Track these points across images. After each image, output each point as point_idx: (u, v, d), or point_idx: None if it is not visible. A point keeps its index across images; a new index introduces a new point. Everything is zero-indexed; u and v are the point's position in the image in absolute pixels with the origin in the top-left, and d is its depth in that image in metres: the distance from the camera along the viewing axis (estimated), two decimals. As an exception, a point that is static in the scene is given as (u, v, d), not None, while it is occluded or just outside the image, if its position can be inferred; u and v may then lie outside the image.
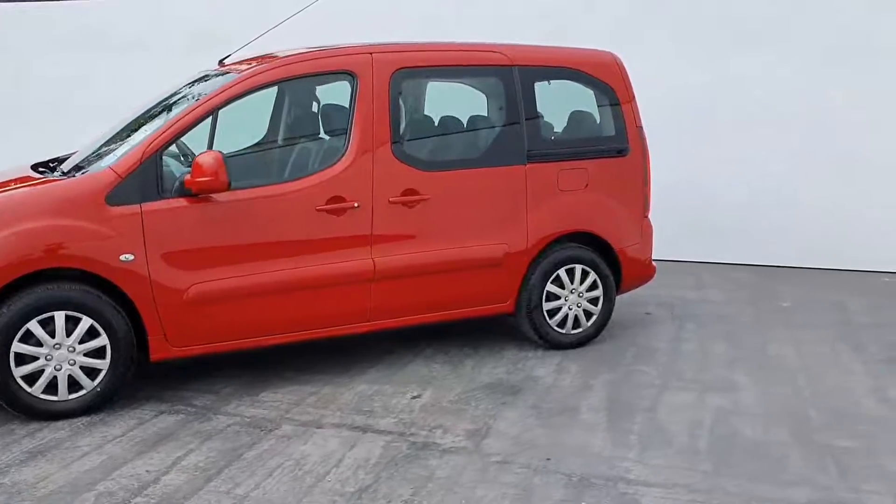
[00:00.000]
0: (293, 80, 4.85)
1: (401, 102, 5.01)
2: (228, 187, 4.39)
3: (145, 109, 5.06)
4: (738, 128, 7.99)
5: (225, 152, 4.59)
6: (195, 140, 4.77)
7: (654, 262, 5.93)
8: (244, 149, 5.27)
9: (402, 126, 5.05)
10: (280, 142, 5.32)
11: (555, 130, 5.57)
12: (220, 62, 5.31)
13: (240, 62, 5.16)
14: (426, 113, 5.39)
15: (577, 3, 8.18)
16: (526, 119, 5.28)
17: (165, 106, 4.92)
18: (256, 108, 5.33)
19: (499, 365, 5.25)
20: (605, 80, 5.55)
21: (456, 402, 4.65)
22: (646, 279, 5.91)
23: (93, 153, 4.80)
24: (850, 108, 7.65)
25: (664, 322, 6.21)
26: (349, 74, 4.85)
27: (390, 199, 4.88)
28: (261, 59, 5.01)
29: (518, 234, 5.27)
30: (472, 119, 5.40)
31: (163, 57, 8.74)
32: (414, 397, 4.71)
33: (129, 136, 4.76)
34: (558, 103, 5.61)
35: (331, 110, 5.11)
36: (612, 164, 5.58)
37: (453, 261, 5.09)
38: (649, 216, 5.79)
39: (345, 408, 4.55)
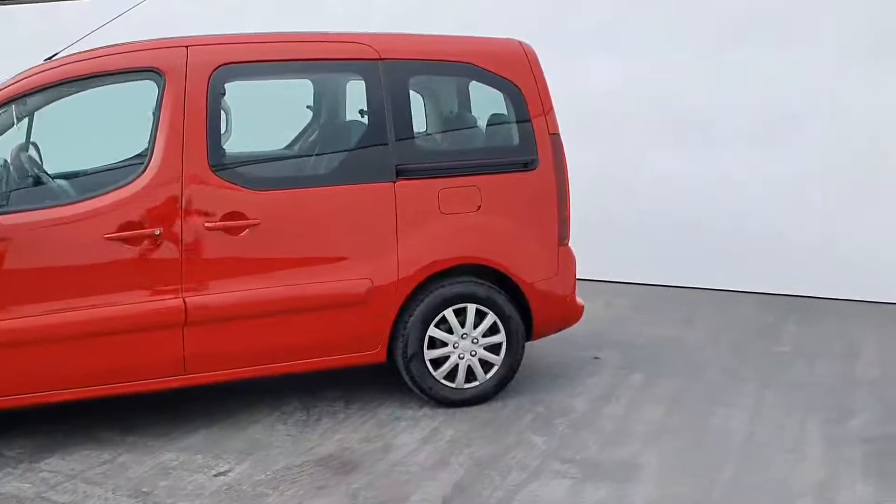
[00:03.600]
0: (79, 81, 3.97)
1: (224, 106, 4.09)
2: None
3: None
4: (745, 133, 6.67)
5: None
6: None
7: (579, 300, 4.79)
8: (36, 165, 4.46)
9: (226, 135, 4.14)
10: (78, 156, 4.50)
11: (436, 139, 4.52)
12: (48, 60, 4.53)
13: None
14: (262, 119, 4.44)
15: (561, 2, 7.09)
16: (395, 126, 4.25)
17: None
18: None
19: (359, 428, 4.24)
20: (507, 76, 4.45)
21: (264, 482, 3.68)
22: (569, 320, 4.77)
23: None
24: (876, 110, 6.23)
25: (607, 371, 5.03)
26: (154, 73, 3.96)
27: (206, 225, 3.96)
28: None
29: (385, 267, 4.25)
30: (324, 127, 4.42)
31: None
32: (218, 474, 3.77)
33: None
34: (445, 106, 4.57)
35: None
36: (514, 180, 4.47)
37: (295, 299, 4.12)
38: (569, 243, 4.66)
39: (124, 486, 3.66)
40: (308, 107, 4.94)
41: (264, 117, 4.46)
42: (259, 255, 4.08)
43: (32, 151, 4.34)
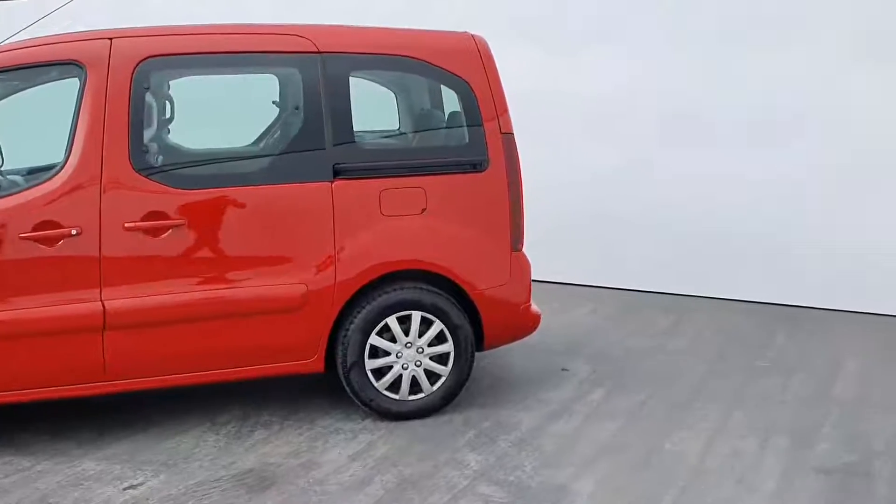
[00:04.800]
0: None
1: (150, 101, 3.90)
2: None
3: None
4: (744, 134, 6.31)
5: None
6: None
7: (536, 308, 4.52)
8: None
9: (151, 131, 3.95)
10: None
11: (379, 137, 4.29)
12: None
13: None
14: (191, 114, 4.25)
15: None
16: (334, 123, 4.02)
17: None
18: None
19: (292, 441, 4.04)
20: (456, 71, 4.20)
21: (172, 497, 3.49)
22: (524, 329, 4.50)
23: None
24: (879, 111, 5.83)
25: (571, 384, 4.75)
26: (75, 65, 3.79)
27: (126, 225, 3.79)
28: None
29: (321, 271, 4.03)
30: (257, 123, 4.22)
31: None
32: (129, 487, 3.60)
33: None
34: (415, 103, 4.33)
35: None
36: (462, 181, 4.22)
37: (223, 303, 3.92)
38: (523, 248, 4.39)
39: (31, 497, 3.50)
40: (274, 102, 4.75)
41: (204, 113, 4.28)
42: (184, 258, 3.89)
43: None
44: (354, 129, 4.08)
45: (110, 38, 3.83)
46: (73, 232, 3.72)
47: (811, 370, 4.93)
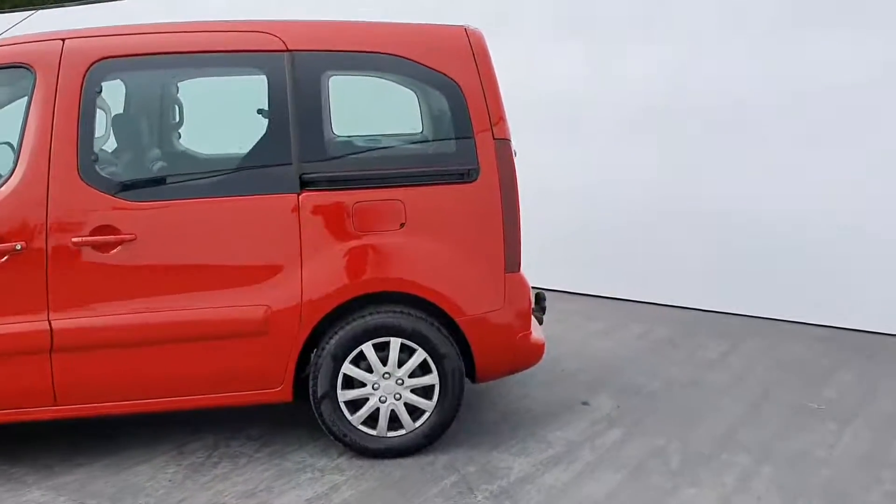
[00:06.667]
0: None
1: (102, 106, 3.62)
2: None
3: None
4: (806, 132, 5.57)
5: None
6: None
7: (538, 336, 3.99)
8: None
9: (102, 139, 3.67)
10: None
11: (353, 144, 3.86)
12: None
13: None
14: (146, 120, 3.93)
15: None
16: (302, 129, 3.63)
17: None
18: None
19: (253, 478, 3.67)
20: (443, 69, 3.72)
21: (100, 541, 3.21)
22: (523, 360, 3.97)
23: None
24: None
25: (584, 423, 4.20)
26: (25, 68, 3.54)
27: (74, 240, 3.52)
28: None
29: (287, 292, 3.64)
30: (221, 128, 3.86)
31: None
32: (61, 525, 3.34)
33: None
34: (370, 105, 3.90)
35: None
36: (448, 193, 3.73)
37: (177, 325, 3.58)
38: (520, 269, 3.87)
39: (-44, 530, 3.31)
40: (259, 111, 4.36)
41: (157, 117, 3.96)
42: (136, 275, 3.58)
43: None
44: (326, 134, 3.69)
45: (62, 39, 3.57)
46: (18, 246, 3.47)
47: (873, 418, 4.19)
